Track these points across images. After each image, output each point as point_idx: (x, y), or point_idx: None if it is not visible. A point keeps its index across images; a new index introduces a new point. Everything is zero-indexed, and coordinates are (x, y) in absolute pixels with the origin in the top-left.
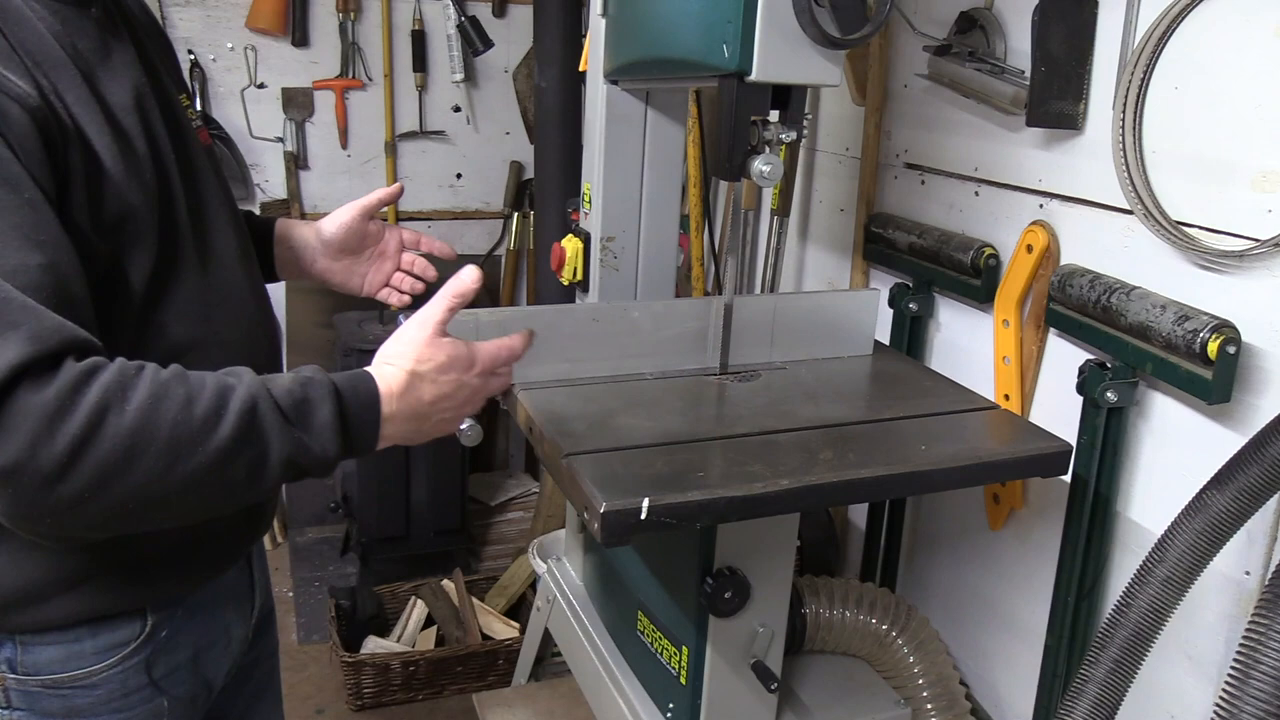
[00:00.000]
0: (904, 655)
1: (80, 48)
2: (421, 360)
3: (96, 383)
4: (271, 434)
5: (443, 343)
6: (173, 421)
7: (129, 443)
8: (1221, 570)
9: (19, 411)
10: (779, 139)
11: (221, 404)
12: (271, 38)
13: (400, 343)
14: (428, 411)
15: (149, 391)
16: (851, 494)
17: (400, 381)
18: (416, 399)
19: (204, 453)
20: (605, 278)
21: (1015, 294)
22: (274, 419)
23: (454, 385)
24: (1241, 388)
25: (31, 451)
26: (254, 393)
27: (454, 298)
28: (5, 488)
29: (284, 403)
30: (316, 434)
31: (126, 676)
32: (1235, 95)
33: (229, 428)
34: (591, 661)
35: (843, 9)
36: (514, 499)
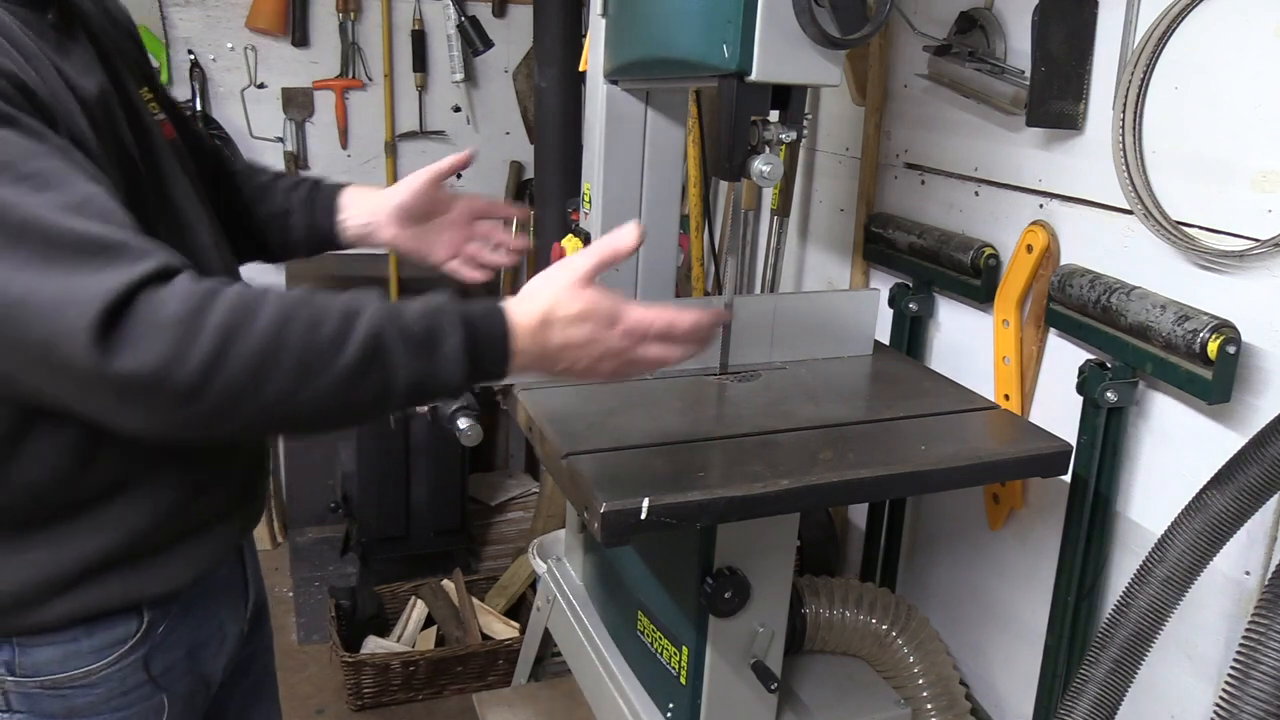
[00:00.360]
0: (904, 655)
1: (45, 49)
2: (557, 305)
3: (221, 302)
4: (396, 361)
5: (584, 292)
6: (299, 345)
7: (257, 363)
8: (1221, 570)
9: (147, 330)
10: (779, 139)
11: (347, 328)
12: (271, 38)
13: (543, 282)
14: (555, 356)
15: (275, 313)
16: (851, 494)
17: (531, 321)
18: (545, 340)
19: (329, 376)
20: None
21: (1015, 294)
22: (399, 346)
23: (586, 338)
24: (1241, 388)
25: (166, 369)
26: (380, 319)
27: (608, 250)
28: (140, 402)
29: (410, 330)
30: (443, 363)
31: (125, 674)
32: (1235, 95)
33: (354, 353)
34: (591, 661)
35: (843, 9)
36: (514, 499)
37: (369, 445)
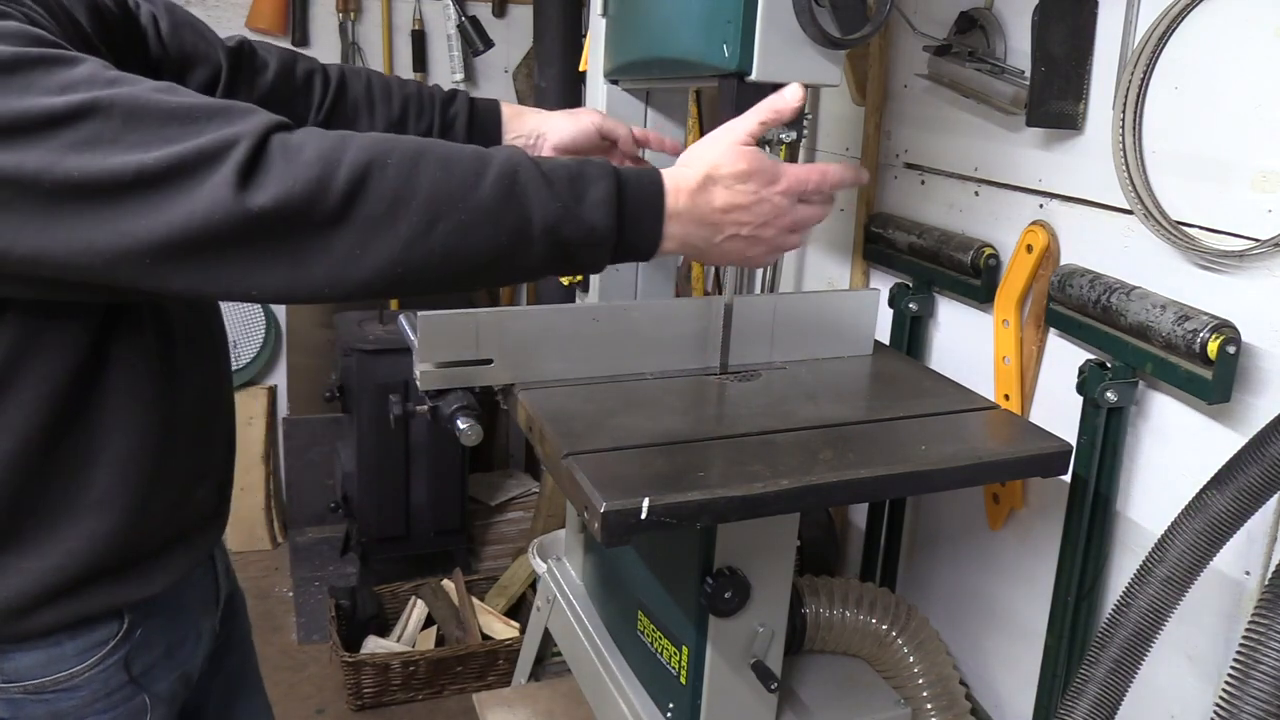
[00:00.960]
0: (904, 655)
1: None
2: (720, 165)
3: (356, 142)
4: (534, 199)
5: (747, 150)
6: (432, 179)
7: (392, 197)
8: (1221, 570)
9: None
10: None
11: (481, 166)
12: (271, 37)
13: (702, 146)
14: (719, 220)
15: (409, 150)
16: (851, 494)
17: (692, 181)
18: (707, 202)
19: (464, 210)
20: (605, 278)
21: (1015, 294)
22: (539, 184)
23: (752, 197)
24: (1241, 388)
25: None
26: (517, 160)
27: (771, 111)
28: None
29: (554, 173)
30: (588, 208)
31: (108, 676)
32: (1235, 95)
33: (489, 187)
34: (591, 661)
35: (843, 9)
36: (514, 499)
37: (369, 445)
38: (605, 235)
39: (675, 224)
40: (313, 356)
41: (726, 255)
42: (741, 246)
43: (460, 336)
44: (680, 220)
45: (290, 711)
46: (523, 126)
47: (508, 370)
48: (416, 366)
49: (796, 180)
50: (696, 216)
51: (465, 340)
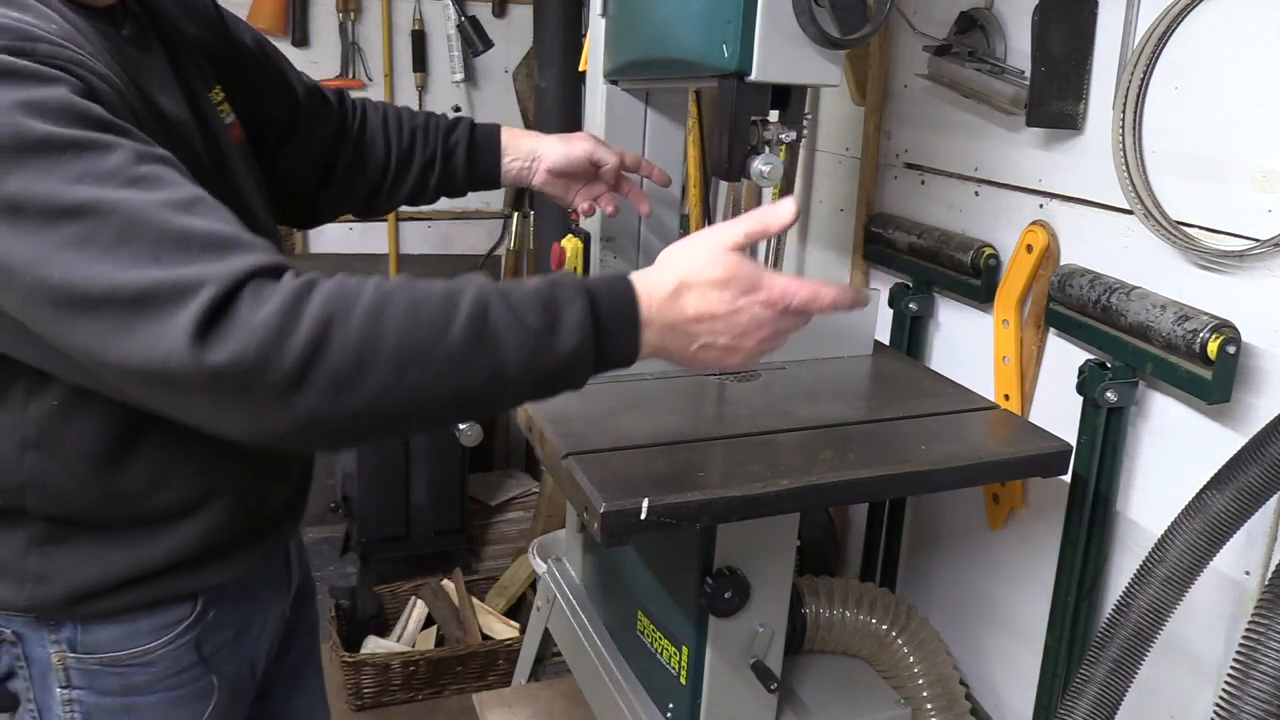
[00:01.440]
0: (904, 655)
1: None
2: (695, 270)
3: (319, 294)
4: (507, 337)
5: (727, 257)
6: (399, 329)
7: (356, 352)
8: (1221, 570)
9: (245, 325)
10: (779, 139)
11: (450, 308)
12: (272, 37)
13: (680, 248)
14: (692, 329)
15: (373, 300)
16: (851, 494)
17: (665, 287)
18: (680, 310)
19: (434, 360)
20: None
21: (1015, 294)
22: (509, 320)
23: (727, 306)
24: (1241, 388)
25: (264, 362)
26: (485, 296)
27: (760, 222)
28: (240, 400)
29: (525, 304)
30: (563, 335)
31: (180, 654)
32: (1235, 95)
33: (458, 332)
34: (591, 661)
35: (843, 9)
36: (514, 499)
37: (369, 445)
38: (584, 359)
39: (650, 332)
40: None
41: (704, 362)
42: (718, 355)
43: None
44: (654, 328)
45: None
46: (519, 150)
47: None
48: None
49: (781, 294)
50: (669, 324)
51: None
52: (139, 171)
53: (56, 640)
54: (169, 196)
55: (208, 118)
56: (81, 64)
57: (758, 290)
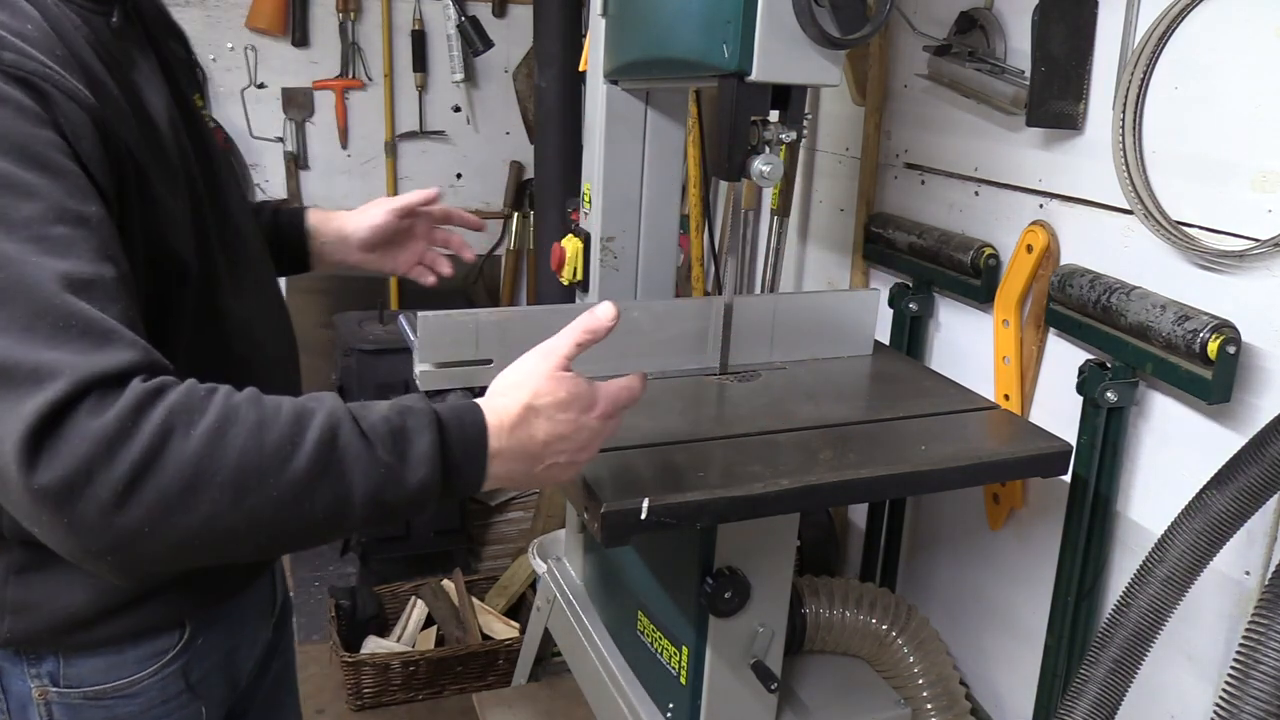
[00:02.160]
0: (904, 655)
1: (113, 54)
2: (540, 394)
3: (162, 404)
4: (355, 467)
5: (565, 378)
6: (240, 449)
7: (192, 471)
8: (1221, 570)
9: (78, 433)
10: (779, 139)
11: (298, 431)
12: (271, 38)
13: (518, 373)
14: (540, 452)
15: (216, 416)
16: (851, 494)
17: (513, 415)
18: (529, 436)
19: (275, 485)
20: (605, 278)
21: (1015, 294)
22: (359, 449)
23: (572, 426)
24: (1241, 388)
25: (88, 476)
26: (336, 420)
27: (585, 333)
28: (60, 515)
29: (375, 432)
30: (412, 467)
31: (166, 684)
32: (1235, 95)
33: (304, 458)
34: (591, 661)
35: (843, 9)
36: (514, 499)
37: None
38: (430, 492)
39: (498, 462)
40: (313, 356)
41: (542, 481)
42: (558, 472)
43: (460, 336)
44: (503, 458)
45: None
46: (327, 232)
47: None
48: (416, 366)
49: (611, 403)
50: (518, 452)
51: (465, 340)
52: (51, 231)
53: (37, 674)
54: (69, 269)
55: (196, 117)
56: (49, 77)
57: (595, 405)
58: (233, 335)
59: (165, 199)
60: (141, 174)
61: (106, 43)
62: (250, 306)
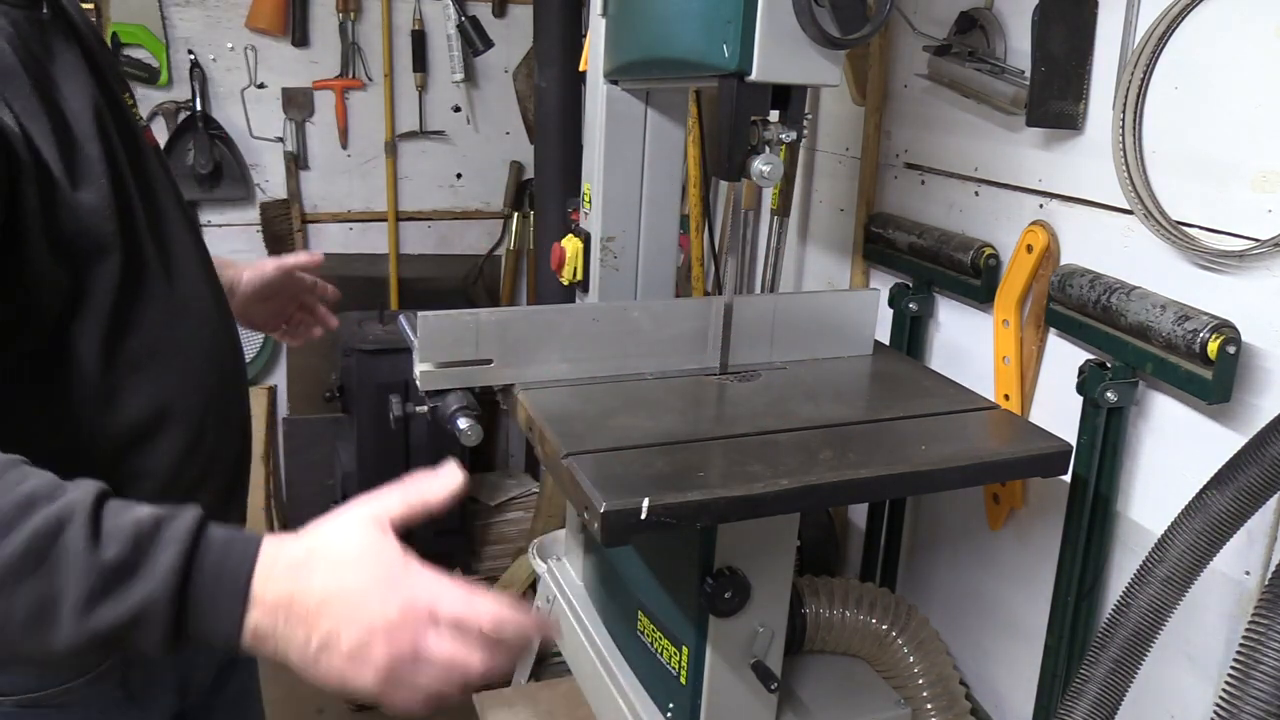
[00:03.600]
0: (904, 655)
1: (33, 51)
2: (331, 537)
3: None
4: (71, 567)
5: (375, 535)
6: None
7: None
8: (1221, 570)
9: None
10: (779, 139)
11: (19, 516)
12: (271, 38)
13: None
14: (312, 614)
15: None
16: (851, 494)
17: (296, 553)
18: (304, 586)
19: None
20: (605, 278)
21: (1015, 294)
22: (82, 548)
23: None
24: (1241, 388)
25: None
26: (69, 512)
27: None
28: None
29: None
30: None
31: (103, 692)
32: (1235, 95)
33: (14, 544)
34: (591, 661)
35: (843, 9)
36: (514, 499)
37: (369, 445)
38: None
39: (259, 611)
40: (313, 357)
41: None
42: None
43: (460, 336)
44: (264, 608)
45: (290, 712)
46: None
47: (508, 370)
48: (416, 366)
49: (427, 597)
50: (286, 605)
51: (465, 340)
52: None
53: None
54: None
55: (125, 115)
56: None
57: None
58: (168, 318)
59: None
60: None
61: (26, 36)
62: (186, 294)
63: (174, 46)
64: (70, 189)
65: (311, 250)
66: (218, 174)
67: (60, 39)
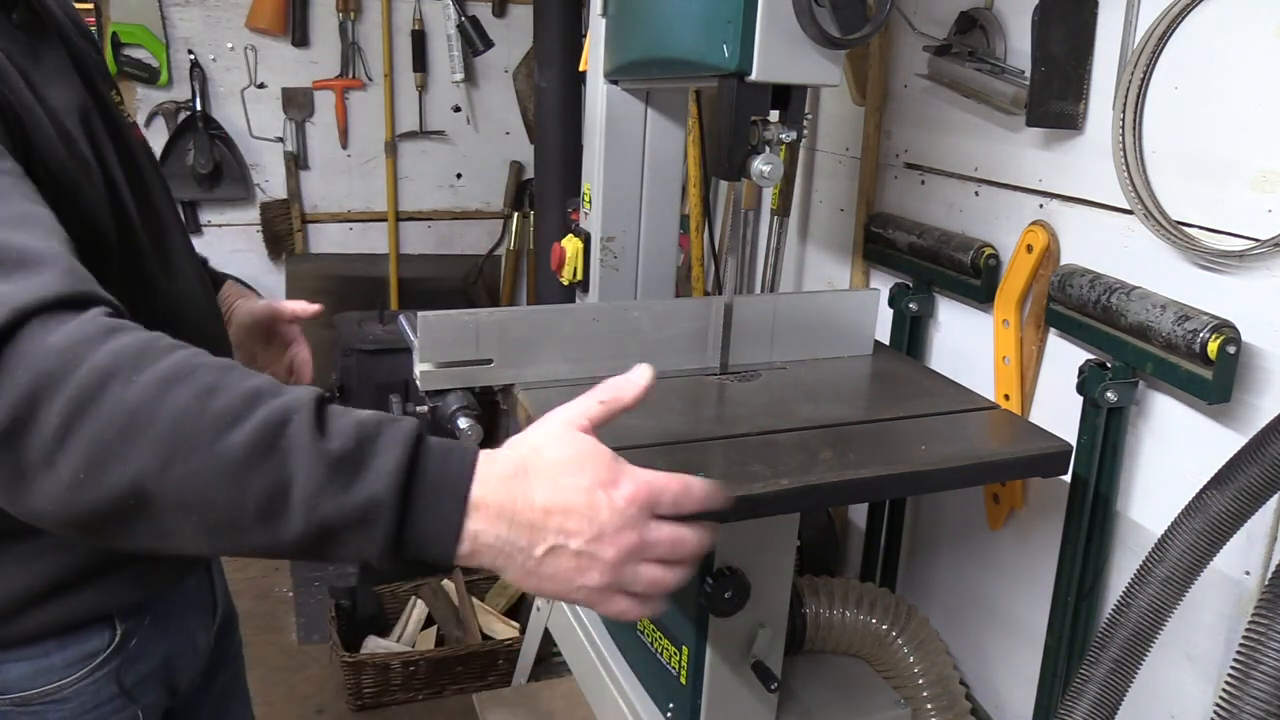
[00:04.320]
0: (904, 655)
1: (13, 52)
2: (542, 447)
3: (113, 342)
4: (299, 458)
5: (581, 437)
6: (180, 408)
7: (125, 420)
8: (1221, 570)
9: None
10: (779, 139)
11: (248, 406)
12: (271, 38)
13: (528, 430)
14: (540, 522)
15: (168, 369)
16: (851, 494)
17: (509, 464)
18: (525, 494)
19: (208, 455)
20: (605, 278)
21: (1015, 294)
22: (308, 439)
23: (583, 498)
24: (1241, 388)
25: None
26: (295, 407)
27: (614, 392)
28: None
29: (340, 430)
30: (366, 479)
31: (98, 688)
32: (1235, 95)
33: (245, 433)
34: (591, 661)
35: (843, 9)
36: None
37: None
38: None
39: (481, 518)
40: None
41: (551, 580)
42: (571, 568)
43: (460, 336)
44: (487, 514)
45: (290, 711)
46: (229, 298)
47: (508, 370)
48: (416, 366)
49: (646, 487)
50: (509, 510)
51: (465, 340)
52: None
53: None
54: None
55: (113, 113)
56: None
57: (618, 482)
58: (168, 310)
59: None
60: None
61: (6, 40)
62: (180, 288)
63: (174, 46)
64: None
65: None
66: (218, 174)
67: (42, 42)
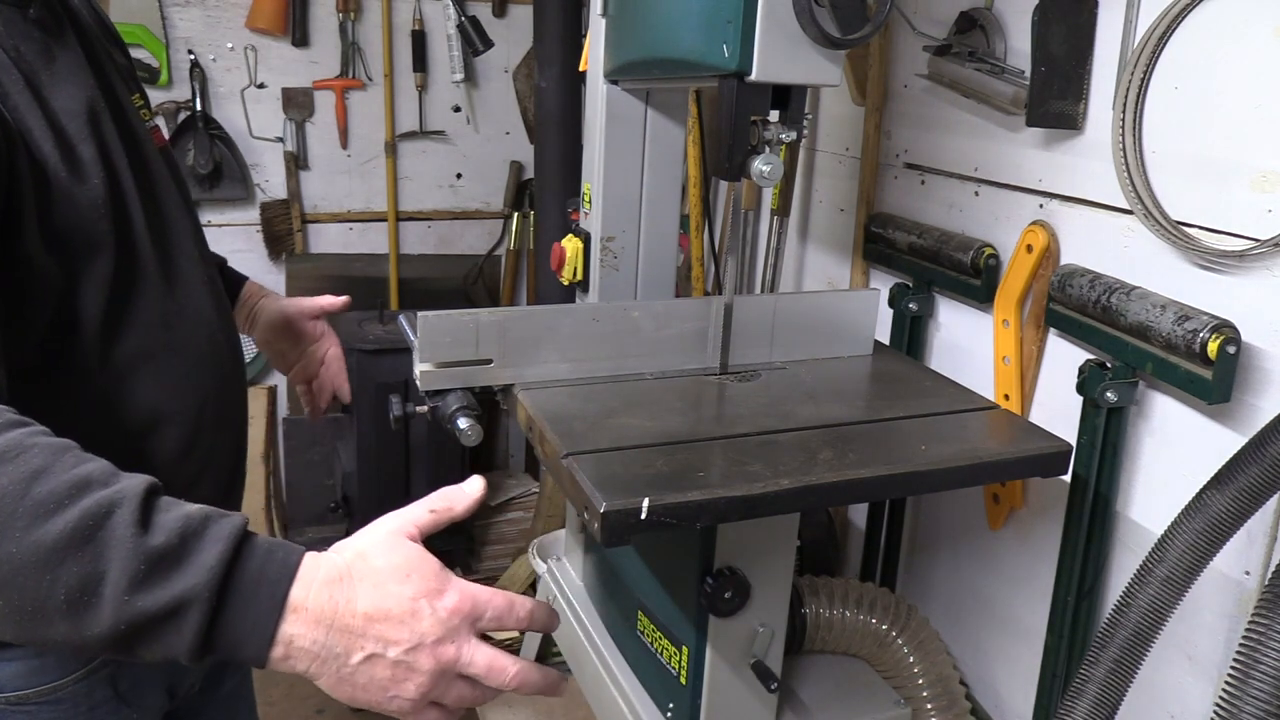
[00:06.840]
0: (904, 655)
1: (23, 50)
2: (369, 553)
3: None
4: (116, 550)
5: (411, 546)
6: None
7: None
8: (1221, 570)
9: None
10: (779, 139)
11: (74, 493)
12: (271, 38)
13: (357, 534)
14: (358, 627)
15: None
16: (851, 494)
17: (334, 568)
18: (346, 600)
19: (23, 539)
20: (605, 278)
21: (1015, 294)
22: (129, 534)
23: (408, 606)
24: (1241, 388)
25: None
26: (120, 498)
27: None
28: None
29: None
30: (183, 573)
31: (92, 690)
32: (1235, 95)
33: (64, 521)
34: (591, 661)
35: (843, 9)
36: (514, 499)
37: (369, 445)
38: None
39: (298, 621)
40: None
41: (364, 689)
42: (386, 677)
43: (460, 336)
44: (305, 618)
45: (290, 711)
46: (249, 302)
47: (508, 370)
48: (416, 366)
49: (471, 600)
50: (329, 617)
51: (465, 340)
52: None
53: None
54: None
55: (127, 115)
56: None
57: (444, 592)
58: (165, 320)
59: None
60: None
61: (17, 35)
62: (182, 294)
63: (174, 46)
64: (66, 186)
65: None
66: (218, 174)
67: (58, 39)
